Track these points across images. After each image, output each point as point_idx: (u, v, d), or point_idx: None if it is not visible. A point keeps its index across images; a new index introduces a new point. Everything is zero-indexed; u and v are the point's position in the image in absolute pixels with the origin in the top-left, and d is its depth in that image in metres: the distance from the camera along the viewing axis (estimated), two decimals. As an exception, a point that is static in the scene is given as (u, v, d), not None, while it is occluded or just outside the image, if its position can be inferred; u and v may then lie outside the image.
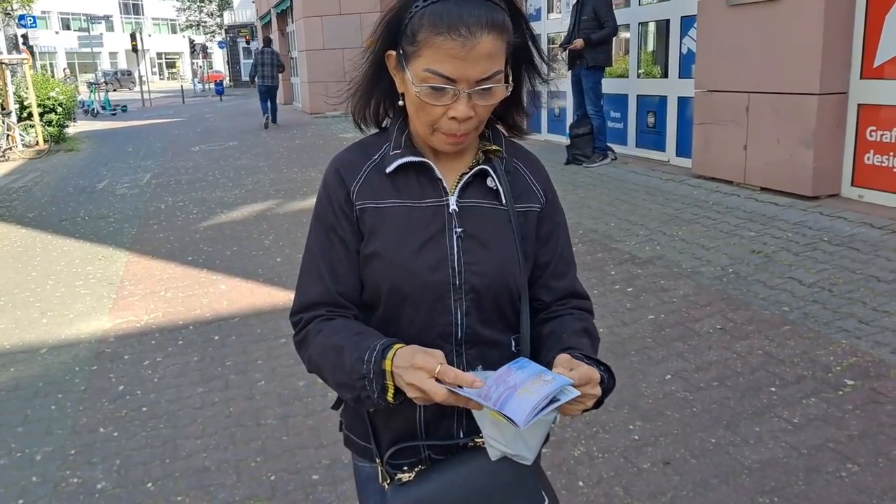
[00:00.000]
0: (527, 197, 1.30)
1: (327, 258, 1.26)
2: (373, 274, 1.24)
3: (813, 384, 3.15)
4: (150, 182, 9.98)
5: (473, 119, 1.17)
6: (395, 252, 1.21)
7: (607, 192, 6.86)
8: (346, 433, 1.39)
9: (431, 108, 1.16)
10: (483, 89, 1.14)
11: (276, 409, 3.35)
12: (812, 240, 4.83)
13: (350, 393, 1.16)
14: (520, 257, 1.25)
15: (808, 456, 2.67)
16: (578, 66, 8.02)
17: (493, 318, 1.26)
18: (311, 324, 1.24)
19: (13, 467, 3.03)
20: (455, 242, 1.22)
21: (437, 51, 1.11)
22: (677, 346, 3.63)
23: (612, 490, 2.58)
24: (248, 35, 39.62)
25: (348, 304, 1.26)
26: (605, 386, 1.18)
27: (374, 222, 1.23)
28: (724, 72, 6.39)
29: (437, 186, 1.25)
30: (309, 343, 1.24)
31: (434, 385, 1.05)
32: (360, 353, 1.13)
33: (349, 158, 1.29)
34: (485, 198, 1.26)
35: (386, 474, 1.27)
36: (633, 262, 4.87)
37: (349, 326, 1.22)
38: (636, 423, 2.99)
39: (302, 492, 2.71)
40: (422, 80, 1.14)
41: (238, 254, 6.04)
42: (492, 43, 1.11)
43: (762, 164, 6.07)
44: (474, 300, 1.23)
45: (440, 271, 1.21)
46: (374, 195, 1.24)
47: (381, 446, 1.28)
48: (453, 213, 1.23)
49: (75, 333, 4.49)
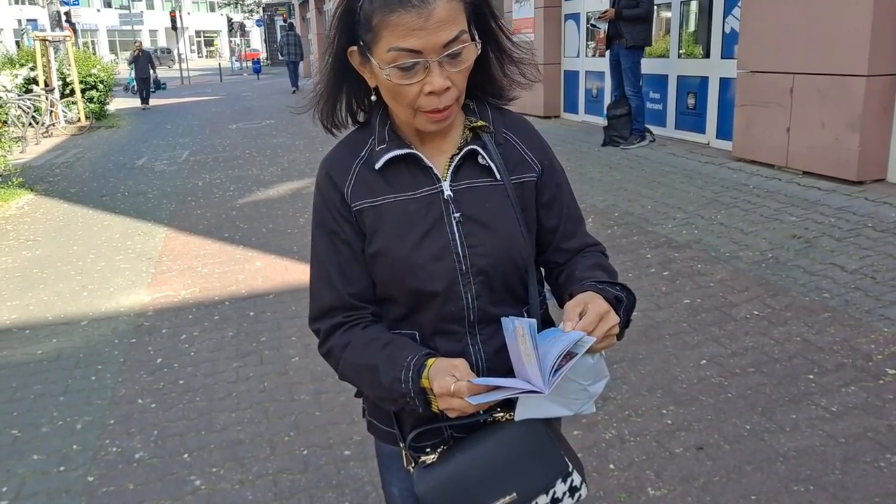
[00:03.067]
0: (521, 167, 1.28)
1: (335, 263, 1.25)
2: (380, 272, 1.24)
3: (852, 372, 3.08)
4: (187, 159, 10.12)
5: (452, 89, 1.14)
6: (397, 248, 1.20)
7: (644, 174, 6.76)
8: (369, 419, 1.40)
9: (406, 88, 1.12)
10: (452, 54, 1.11)
11: (308, 385, 3.39)
12: (855, 225, 4.71)
13: (394, 406, 1.20)
14: (523, 230, 1.25)
15: (846, 445, 2.61)
16: (617, 45, 7.90)
17: (503, 296, 1.25)
18: (333, 336, 1.25)
19: (55, 435, 3.11)
20: (455, 228, 1.21)
21: (396, 28, 1.08)
22: (713, 331, 3.58)
23: (643, 474, 2.56)
24: (286, 13, 39.72)
25: (363, 305, 1.26)
26: (625, 305, 1.18)
27: (374, 221, 1.22)
28: (768, 52, 6.23)
29: (429, 174, 1.22)
30: (337, 357, 1.25)
31: (460, 402, 1.09)
32: (396, 374, 1.15)
33: (337, 160, 1.27)
34: (479, 176, 1.24)
35: (410, 457, 1.27)
36: (670, 246, 4.80)
37: (374, 339, 1.23)
38: (669, 407, 2.96)
39: (333, 467, 2.75)
40: (389, 62, 1.10)
41: (273, 231, 6.10)
42: (447, 5, 1.09)
43: (805, 147, 5.92)
44: (483, 282, 1.22)
45: (445, 260, 1.20)
46: (369, 193, 1.22)
47: (404, 430, 1.29)
48: (449, 198, 1.21)
49: (115, 307, 4.58)
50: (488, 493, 1.19)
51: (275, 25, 44.00)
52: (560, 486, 1.23)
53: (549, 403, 1.15)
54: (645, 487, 2.49)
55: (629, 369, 3.27)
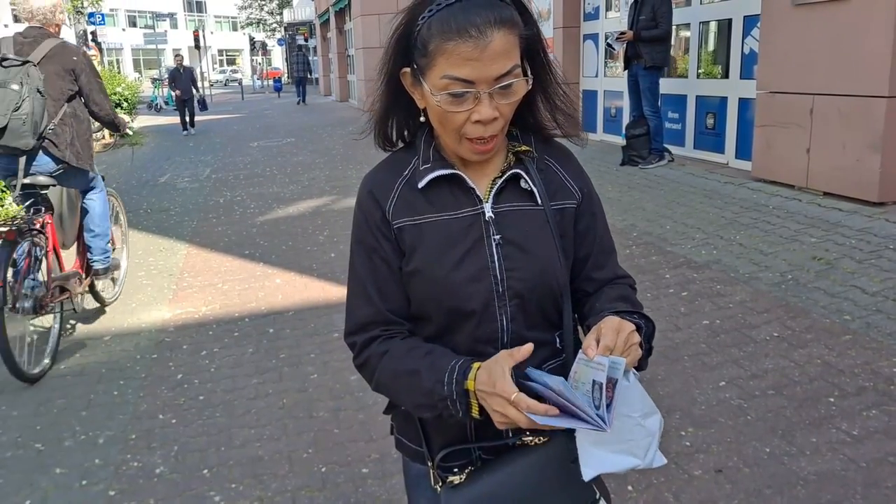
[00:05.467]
0: (562, 193, 1.29)
1: (373, 279, 1.26)
2: (417, 290, 1.25)
3: (874, 396, 3.05)
4: (209, 176, 10.24)
5: (499, 119, 1.16)
6: (436, 267, 1.22)
7: (663, 194, 6.75)
8: (398, 437, 1.41)
9: (454, 115, 1.15)
10: (503, 87, 1.13)
11: (328, 403, 3.41)
12: (877, 247, 4.67)
13: (430, 412, 1.19)
14: (560, 256, 1.25)
15: (868, 469, 2.59)
16: (636, 65, 7.93)
17: (537, 320, 1.26)
18: (372, 346, 1.26)
19: (77, 449, 3.15)
20: (495, 250, 1.22)
21: (451, 56, 1.10)
22: (733, 353, 3.56)
23: (661, 496, 2.55)
24: (307, 32, 40.21)
25: (400, 321, 1.27)
26: (645, 332, 1.19)
27: (413, 239, 1.23)
28: (788, 73, 6.23)
29: (471, 195, 1.24)
30: (374, 366, 1.25)
31: (516, 413, 1.06)
32: (439, 376, 1.15)
33: (380, 178, 1.29)
34: (520, 200, 1.25)
35: (437, 477, 1.28)
36: (689, 266, 4.79)
37: (415, 347, 1.23)
38: (688, 429, 2.95)
39: (352, 484, 2.76)
40: (440, 89, 1.13)
41: (293, 248, 6.15)
42: (503, 39, 1.10)
43: (826, 168, 5.89)
44: (519, 305, 1.23)
45: (483, 281, 1.21)
46: (410, 212, 1.24)
47: (433, 449, 1.30)
48: (490, 220, 1.23)
49: (136, 323, 4.64)
50: None
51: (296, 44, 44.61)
52: None
53: (612, 451, 1.10)
54: (663, 510, 2.48)
55: (648, 389, 3.24)
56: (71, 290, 4.24)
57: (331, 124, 16.01)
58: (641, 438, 1.12)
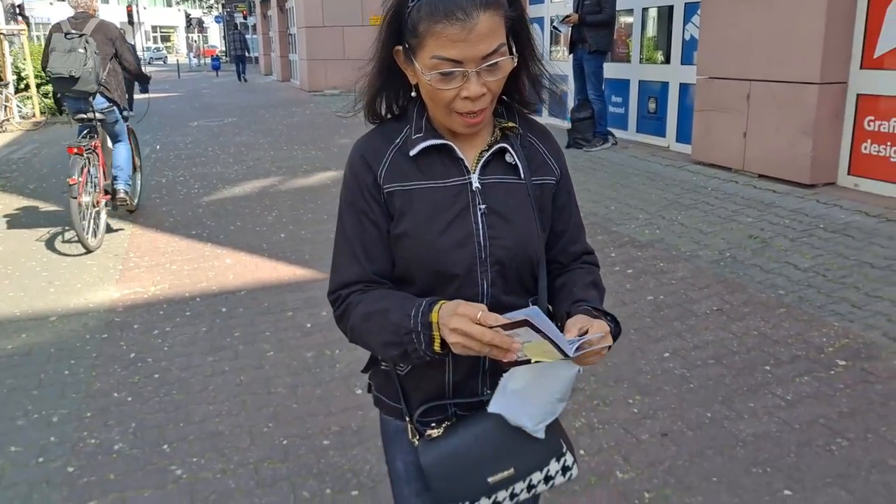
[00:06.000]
0: (543, 170, 1.38)
1: (360, 240, 1.32)
2: (404, 252, 1.31)
3: (806, 364, 3.26)
4: (149, 156, 9.99)
5: (487, 95, 1.23)
6: (424, 231, 1.28)
7: (608, 176, 6.94)
8: (376, 394, 1.47)
9: (444, 92, 1.21)
10: (490, 65, 1.20)
11: (285, 379, 3.44)
12: (808, 226, 4.93)
13: (397, 350, 1.23)
14: (538, 228, 1.34)
15: (800, 431, 2.78)
16: (580, 49, 8.08)
17: (514, 286, 1.34)
18: (351, 297, 1.32)
19: (31, 428, 3.12)
20: (479, 218, 1.29)
21: (439, 37, 1.17)
22: (675, 326, 3.74)
23: (612, 459, 2.69)
24: (246, 10, 39.30)
25: (383, 281, 1.34)
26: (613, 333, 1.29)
27: (403, 204, 1.30)
28: (726, 59, 6.46)
29: (460, 165, 1.31)
30: (350, 314, 1.31)
31: (478, 328, 1.11)
32: (407, 311, 1.21)
33: (373, 144, 1.34)
34: (504, 173, 1.33)
35: (415, 431, 1.36)
36: (633, 245, 4.97)
37: (391, 293, 1.30)
38: (635, 397, 3.10)
39: (314, 456, 2.82)
40: (430, 68, 1.19)
41: (242, 229, 6.11)
42: (489, 20, 1.17)
43: (761, 151, 6.16)
44: (499, 271, 1.31)
45: (467, 247, 1.29)
46: (401, 178, 1.30)
47: (411, 406, 1.38)
48: (476, 190, 1.30)
49: (83, 303, 4.56)
50: (488, 467, 1.29)
51: (234, 21, 43.54)
52: (554, 464, 1.34)
53: (521, 404, 1.26)
54: (614, 471, 2.62)
55: (597, 363, 3.40)
56: (111, 195, 6.16)
57: (273, 105, 15.78)
58: (545, 413, 1.30)
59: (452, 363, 1.33)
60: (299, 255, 5.33)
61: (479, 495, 1.31)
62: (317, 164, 8.72)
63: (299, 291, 4.59)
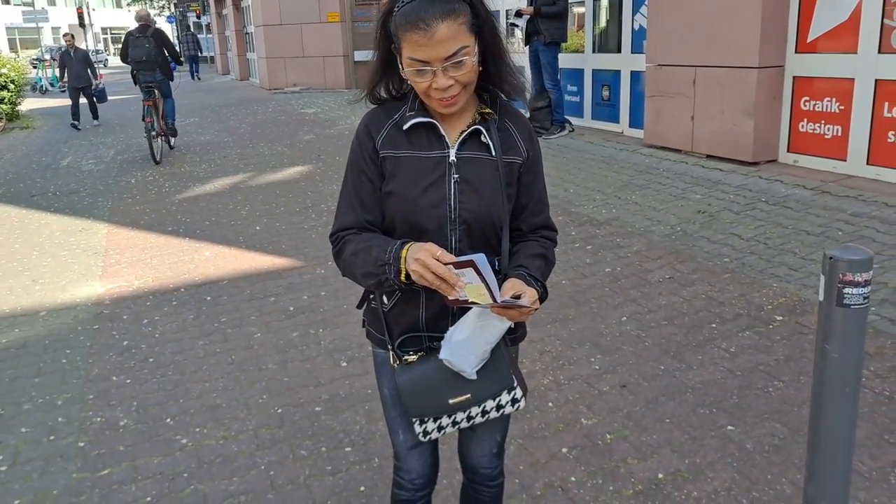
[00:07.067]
0: (513, 151, 1.66)
1: (359, 193, 1.63)
2: (390, 207, 1.61)
3: (747, 320, 3.63)
4: (115, 158, 10.09)
5: (455, 85, 1.51)
6: (406, 192, 1.58)
7: (566, 161, 7.29)
8: (368, 328, 1.78)
9: (419, 83, 1.52)
10: (453, 63, 1.49)
11: (274, 357, 3.70)
12: (751, 200, 5.33)
13: (373, 280, 1.55)
14: (503, 199, 1.63)
15: (742, 377, 3.14)
16: (536, 41, 8.40)
17: (479, 244, 1.63)
18: (346, 237, 1.63)
19: (38, 411, 3.33)
20: (453, 186, 1.59)
21: (410, 43, 1.46)
22: (631, 294, 4.08)
23: (577, 409, 3.01)
24: (199, 9, 38.81)
25: (374, 228, 1.64)
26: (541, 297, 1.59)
27: (393, 167, 1.60)
28: (673, 47, 6.84)
29: (442, 141, 1.61)
30: (344, 250, 1.62)
31: (434, 261, 1.42)
32: (385, 247, 1.53)
33: (376, 117, 1.65)
34: (479, 151, 1.62)
35: (396, 357, 1.67)
36: (592, 224, 5.31)
37: (376, 236, 1.60)
38: (596, 356, 3.43)
39: (308, 421, 3.08)
40: (407, 66, 1.50)
41: (217, 224, 6.31)
42: (448, 28, 1.44)
43: (708, 133, 6.55)
44: (465, 230, 1.60)
45: (440, 207, 1.58)
46: (394, 146, 1.61)
47: (393, 337, 1.68)
48: (452, 163, 1.60)
49: (70, 298, 4.74)
50: (450, 390, 1.62)
51: (187, 21, 42.92)
52: (505, 396, 1.66)
53: (463, 356, 1.56)
54: (579, 419, 2.94)
55: (561, 328, 3.73)
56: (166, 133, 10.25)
57: (233, 104, 15.85)
58: (480, 359, 1.59)
59: (425, 303, 1.62)
60: (276, 245, 5.56)
61: (441, 412, 1.64)
62: (284, 160, 8.93)
63: (280, 279, 4.84)
